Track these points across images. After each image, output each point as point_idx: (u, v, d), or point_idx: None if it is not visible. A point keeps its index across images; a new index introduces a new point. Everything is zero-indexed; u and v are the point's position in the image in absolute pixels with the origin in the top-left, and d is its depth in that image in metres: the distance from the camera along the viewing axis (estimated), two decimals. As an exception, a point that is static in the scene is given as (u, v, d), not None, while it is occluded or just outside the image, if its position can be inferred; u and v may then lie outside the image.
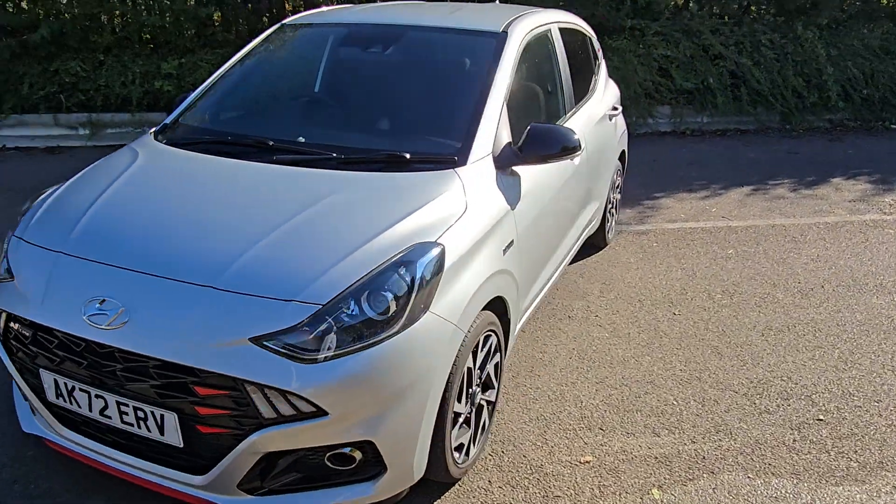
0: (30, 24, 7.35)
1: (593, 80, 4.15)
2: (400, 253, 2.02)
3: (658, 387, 3.07)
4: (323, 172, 2.38)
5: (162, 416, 1.94)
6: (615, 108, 4.27)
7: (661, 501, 2.38)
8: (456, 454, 2.33)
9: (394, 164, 2.43)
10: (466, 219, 2.27)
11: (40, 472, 2.41)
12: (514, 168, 2.66)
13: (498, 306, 2.53)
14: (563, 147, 2.63)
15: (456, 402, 2.23)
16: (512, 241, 2.54)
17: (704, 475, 2.52)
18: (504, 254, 2.45)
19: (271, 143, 2.57)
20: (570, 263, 4.31)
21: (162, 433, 1.97)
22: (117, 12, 7.68)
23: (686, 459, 2.60)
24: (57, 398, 2.10)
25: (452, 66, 2.91)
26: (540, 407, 2.91)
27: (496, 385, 2.62)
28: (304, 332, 1.85)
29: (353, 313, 1.90)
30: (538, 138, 2.61)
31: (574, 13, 4.25)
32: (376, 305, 1.92)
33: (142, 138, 2.80)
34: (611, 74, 7.82)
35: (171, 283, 1.97)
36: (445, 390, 2.12)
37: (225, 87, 3.03)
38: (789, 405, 2.95)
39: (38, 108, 7.28)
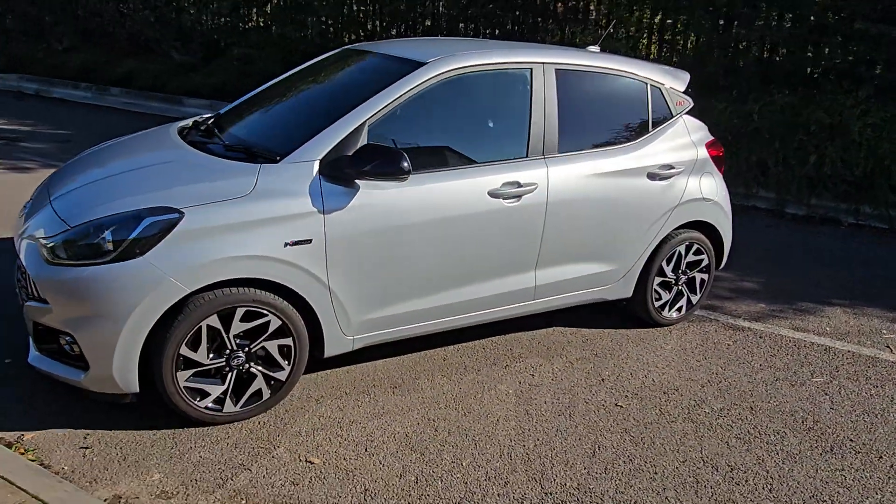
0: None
1: (644, 133, 3.70)
2: (146, 209, 2.60)
3: (461, 454, 2.78)
4: (194, 152, 3.06)
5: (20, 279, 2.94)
6: (670, 167, 3.71)
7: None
8: (194, 397, 2.75)
9: (245, 154, 2.96)
10: (239, 203, 2.68)
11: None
12: (359, 182, 2.88)
13: (292, 295, 2.83)
14: (393, 167, 2.79)
15: (188, 349, 2.67)
16: (310, 240, 2.79)
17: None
18: (286, 246, 2.74)
19: (216, 131, 3.35)
20: (595, 328, 3.93)
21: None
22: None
23: (384, 505, 2.45)
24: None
25: (365, 86, 3.18)
26: (349, 415, 3.00)
27: (287, 367, 2.90)
28: (56, 242, 2.62)
29: (86, 239, 2.58)
30: (365, 155, 2.80)
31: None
32: (101, 238, 2.56)
33: (173, 123, 3.82)
34: (857, 144, 6.19)
35: (47, 201, 2.95)
36: (163, 330, 2.60)
37: (257, 92, 3.90)
38: (574, 526, 2.39)
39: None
